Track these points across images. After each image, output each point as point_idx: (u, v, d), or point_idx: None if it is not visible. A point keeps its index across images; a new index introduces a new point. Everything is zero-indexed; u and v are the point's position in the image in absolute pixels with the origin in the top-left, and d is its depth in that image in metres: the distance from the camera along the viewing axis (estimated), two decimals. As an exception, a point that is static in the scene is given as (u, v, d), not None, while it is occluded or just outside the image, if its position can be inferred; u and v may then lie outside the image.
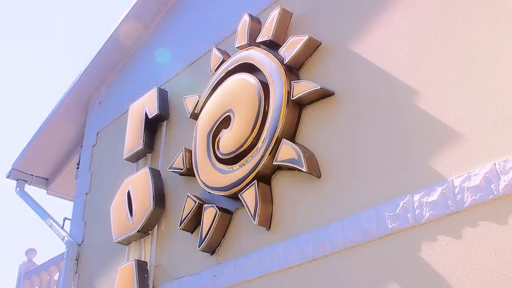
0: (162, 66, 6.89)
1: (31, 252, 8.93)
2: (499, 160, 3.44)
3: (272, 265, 4.52)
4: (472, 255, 3.41)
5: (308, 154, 4.51)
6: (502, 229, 3.32)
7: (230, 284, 4.83)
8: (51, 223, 7.61)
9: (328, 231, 4.21)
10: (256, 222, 4.64)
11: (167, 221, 5.84)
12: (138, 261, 5.80)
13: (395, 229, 3.82)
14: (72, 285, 6.90)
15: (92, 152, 7.73)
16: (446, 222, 3.59)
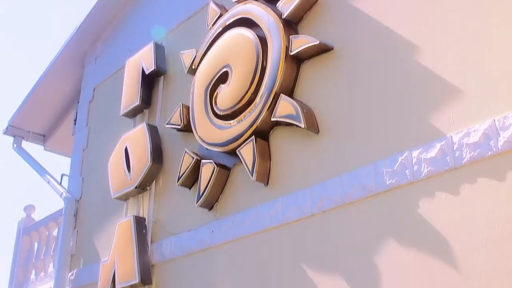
0: (159, 21, 6.78)
1: (30, 208, 8.96)
2: (499, 116, 3.41)
3: (270, 221, 4.54)
4: (469, 212, 3.41)
5: (307, 110, 4.48)
6: (500, 186, 3.32)
7: (228, 239, 4.86)
8: (49, 179, 7.62)
9: (326, 187, 4.21)
10: (254, 178, 4.64)
11: (165, 177, 5.85)
12: (136, 217, 5.83)
13: (393, 185, 3.81)
14: (71, 241, 6.95)
15: (89, 108, 7.69)
16: (444, 178, 3.58)
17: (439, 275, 3.43)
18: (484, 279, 3.23)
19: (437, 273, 3.44)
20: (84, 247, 6.78)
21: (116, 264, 5.73)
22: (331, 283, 3.98)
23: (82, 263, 6.73)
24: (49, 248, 7.91)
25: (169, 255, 5.44)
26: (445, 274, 3.40)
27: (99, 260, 6.21)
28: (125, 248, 5.69)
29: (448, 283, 3.37)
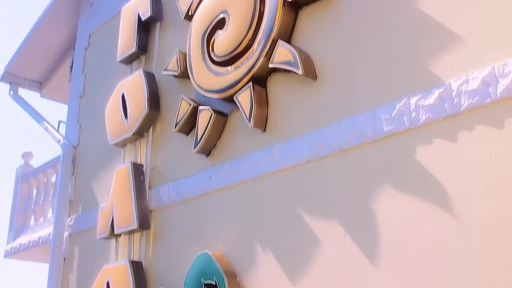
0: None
1: (28, 155, 8.98)
2: (498, 63, 3.39)
3: (267, 167, 4.56)
4: (467, 159, 3.42)
5: (305, 56, 4.44)
6: (498, 133, 3.32)
7: (225, 185, 4.89)
8: (46, 126, 7.61)
9: (324, 134, 4.21)
10: (251, 125, 4.64)
11: (162, 123, 5.84)
12: (134, 164, 5.85)
13: (391, 132, 3.82)
14: (69, 187, 7.00)
15: (84, 55, 7.62)
16: (442, 125, 3.58)
17: (435, 221, 3.47)
18: (480, 225, 3.27)
19: (434, 219, 3.48)
20: (82, 193, 6.84)
21: (114, 209, 5.78)
22: (328, 229, 4.03)
23: (80, 209, 6.79)
24: (48, 194, 7.96)
25: (167, 201, 5.48)
26: (441, 220, 3.44)
27: (98, 206, 6.27)
28: (123, 194, 5.73)
29: (444, 229, 3.41)
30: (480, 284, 3.19)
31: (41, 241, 7.53)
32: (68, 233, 6.83)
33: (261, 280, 4.39)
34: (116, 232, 5.77)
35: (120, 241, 5.90)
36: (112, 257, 5.95)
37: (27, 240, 7.87)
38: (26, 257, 8.43)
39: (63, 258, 6.81)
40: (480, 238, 3.25)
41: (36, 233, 7.77)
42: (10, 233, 8.40)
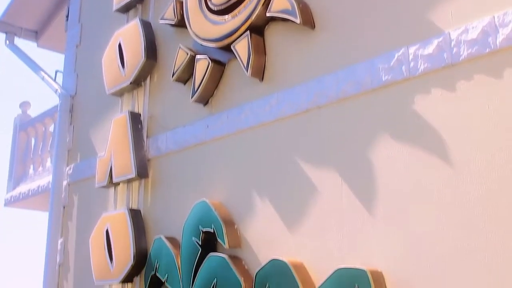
0: None
1: (25, 104, 8.97)
2: (499, 13, 3.36)
3: (265, 116, 4.57)
4: (465, 109, 3.43)
5: (302, 5, 4.39)
6: (497, 83, 3.32)
7: (223, 134, 4.91)
8: (43, 76, 7.58)
9: (321, 83, 4.20)
10: (248, 74, 4.62)
11: (159, 72, 5.81)
12: (132, 113, 5.85)
13: (389, 81, 3.81)
14: (67, 136, 7.01)
15: (81, 4, 7.52)
16: (441, 75, 3.57)
17: (432, 171, 3.49)
18: (477, 174, 3.30)
19: (431, 169, 3.50)
20: (81, 142, 6.85)
21: (112, 158, 5.81)
22: (325, 178, 4.06)
23: (79, 158, 6.82)
24: (46, 144, 7.99)
25: (165, 150, 5.51)
26: (438, 170, 3.47)
27: (96, 155, 6.30)
28: (121, 143, 5.75)
29: (441, 179, 3.44)
30: (475, 233, 3.24)
31: (40, 189, 7.59)
32: (67, 182, 6.87)
33: (258, 228, 4.45)
34: (115, 181, 5.81)
35: (118, 190, 5.95)
36: (111, 205, 6.01)
37: (27, 189, 7.93)
38: (25, 206, 8.51)
39: (62, 207, 6.88)
40: (476, 188, 3.29)
41: (35, 182, 7.83)
42: (9, 182, 8.46)
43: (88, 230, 6.06)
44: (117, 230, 5.62)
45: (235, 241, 4.53)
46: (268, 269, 4.12)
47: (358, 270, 3.56)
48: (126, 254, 5.42)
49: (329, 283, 3.69)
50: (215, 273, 4.49)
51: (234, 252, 4.53)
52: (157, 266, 5.10)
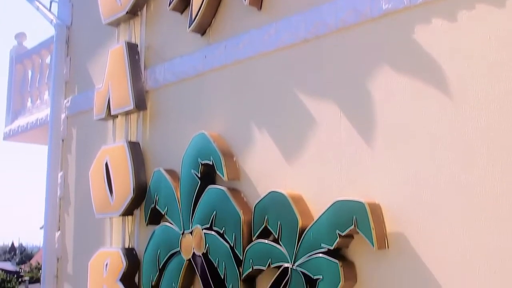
0: None
1: (21, 36, 8.79)
2: None
3: (263, 46, 4.46)
4: (466, 39, 3.33)
5: None
6: (499, 13, 3.21)
7: (221, 64, 4.81)
8: (38, 6, 7.39)
9: (320, 12, 4.08)
10: (246, 2, 4.49)
11: (156, 2, 5.66)
12: (128, 43, 5.73)
13: (389, 10, 3.69)
14: (64, 68, 6.91)
15: None
16: (442, 4, 3.45)
17: (431, 102, 3.43)
18: (476, 106, 3.24)
19: (430, 100, 3.44)
20: (78, 74, 6.76)
21: (110, 90, 5.74)
22: (324, 109, 4.00)
23: (76, 90, 6.74)
24: (43, 76, 7.88)
25: (163, 81, 5.42)
26: (437, 101, 3.40)
27: (94, 87, 6.22)
28: (118, 74, 5.66)
29: (440, 110, 3.38)
30: (473, 166, 3.20)
31: (39, 123, 7.55)
32: (65, 115, 6.82)
33: (257, 160, 4.43)
34: (113, 113, 5.76)
35: (117, 122, 5.91)
36: (110, 138, 5.98)
37: (25, 122, 7.89)
38: (25, 139, 8.49)
39: (61, 140, 6.86)
40: (475, 119, 3.23)
41: (33, 115, 7.78)
42: (7, 115, 8.41)
43: (87, 163, 6.06)
44: (117, 163, 5.62)
45: (234, 174, 4.52)
46: (267, 201, 4.12)
47: (356, 202, 3.55)
48: (125, 187, 5.44)
49: (328, 215, 3.69)
50: (214, 206, 4.51)
51: (233, 185, 4.53)
52: (156, 199, 5.12)
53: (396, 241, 3.48)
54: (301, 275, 3.79)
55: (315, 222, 3.78)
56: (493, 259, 3.07)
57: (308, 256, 3.76)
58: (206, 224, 4.55)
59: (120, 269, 5.39)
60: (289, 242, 3.91)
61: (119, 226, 5.75)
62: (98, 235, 6.04)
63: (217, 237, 4.44)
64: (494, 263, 3.06)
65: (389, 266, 3.52)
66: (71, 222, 6.66)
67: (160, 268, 4.97)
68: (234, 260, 4.28)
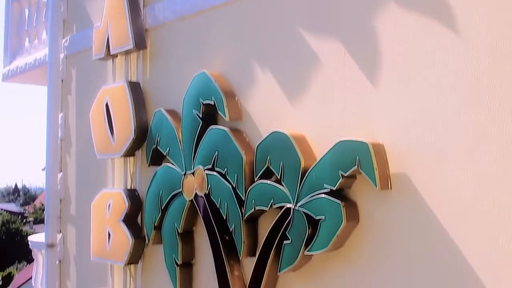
0: None
1: (17, -27, 8.58)
2: None
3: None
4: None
5: None
6: None
7: (222, 1, 4.66)
8: None
9: None
10: None
11: None
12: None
13: None
14: (61, 6, 6.73)
15: None
16: None
17: (438, 39, 3.32)
18: (485, 43, 3.13)
19: (437, 37, 3.33)
20: (76, 12, 6.60)
21: (109, 29, 5.61)
22: (328, 47, 3.90)
23: (75, 29, 6.61)
24: (41, 15, 7.72)
25: (163, 19, 5.28)
26: (444, 38, 3.28)
27: (92, 25, 6.09)
28: (117, 12, 5.51)
29: (447, 48, 3.27)
30: (480, 106, 3.13)
31: (38, 63, 7.44)
32: (64, 55, 6.71)
33: (259, 100, 4.36)
34: (112, 53, 5.65)
35: (117, 62, 5.80)
36: (110, 78, 5.89)
37: (24, 62, 7.77)
38: (24, 80, 8.41)
39: (60, 80, 6.76)
40: (483, 59, 3.13)
41: (32, 55, 7.66)
42: (5, 56, 8.30)
43: (88, 104, 6.00)
44: (117, 104, 5.55)
45: (236, 114, 4.45)
46: (269, 141, 4.07)
47: (359, 142, 3.50)
48: (126, 128, 5.39)
49: (330, 155, 3.65)
50: (216, 146, 4.47)
51: (235, 125, 4.48)
52: (158, 140, 5.08)
53: (399, 182, 3.44)
54: (303, 215, 3.78)
55: (318, 163, 3.74)
56: (497, 199, 3.03)
57: (311, 196, 3.74)
58: (208, 164, 4.52)
59: (122, 210, 5.40)
60: (291, 182, 3.89)
61: (121, 167, 5.73)
62: (100, 176, 6.04)
63: (219, 177, 4.41)
64: (498, 202, 3.03)
65: (392, 207, 3.49)
66: (72, 164, 6.65)
67: (162, 208, 4.98)
68: (236, 201, 4.27)
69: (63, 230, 6.77)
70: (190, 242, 4.89)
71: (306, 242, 3.76)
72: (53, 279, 6.81)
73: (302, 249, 3.78)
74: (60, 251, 6.77)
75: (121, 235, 5.38)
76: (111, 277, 5.84)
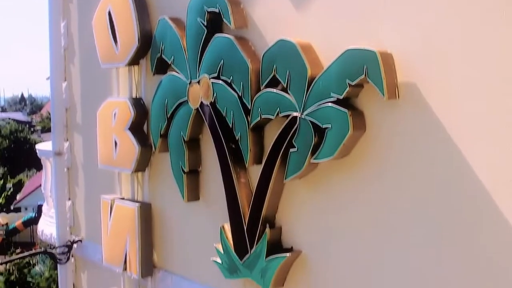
0: None
1: None
2: None
3: None
4: None
5: None
6: None
7: None
8: None
9: None
10: None
11: None
12: None
13: None
14: None
15: None
16: None
17: None
18: None
19: None
20: None
21: None
22: None
23: None
24: None
25: None
26: None
27: None
28: None
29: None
30: (490, 15, 3.04)
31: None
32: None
33: (266, 7, 4.25)
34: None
35: (118, -32, 5.64)
36: (112, -16, 5.74)
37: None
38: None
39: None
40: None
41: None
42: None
43: (90, 12, 5.89)
44: (120, 12, 5.44)
45: (241, 21, 4.36)
46: (276, 49, 4.01)
47: (367, 51, 3.44)
48: (130, 37, 5.31)
49: (338, 64, 3.60)
50: (221, 55, 4.41)
51: (241, 33, 4.39)
52: (162, 48, 5.01)
53: (407, 91, 3.41)
54: (309, 124, 3.77)
55: (325, 71, 3.70)
56: (508, 108, 3.01)
57: (317, 105, 3.72)
58: (213, 73, 4.47)
59: (128, 119, 5.42)
60: (298, 91, 3.86)
61: (126, 76, 5.70)
62: (105, 85, 6.02)
63: (224, 86, 4.38)
64: (508, 110, 3.01)
65: (399, 116, 3.48)
66: (77, 73, 6.61)
67: (168, 117, 4.98)
68: (242, 109, 4.26)
69: (70, 138, 6.83)
70: (197, 150, 4.93)
71: (312, 150, 3.77)
72: (62, 186, 6.94)
73: (309, 157, 3.80)
74: (67, 159, 6.85)
75: (128, 143, 5.43)
76: (119, 184, 5.94)
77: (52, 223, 7.28)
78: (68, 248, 6.82)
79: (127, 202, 5.71)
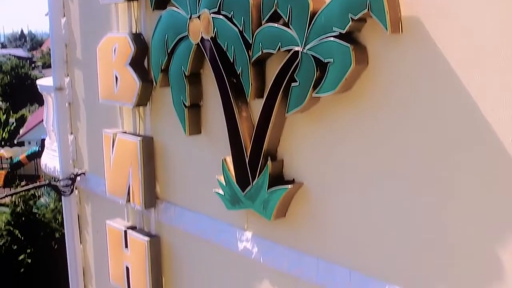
0: None
1: None
2: None
3: None
4: None
5: None
6: None
7: None
8: None
9: None
10: None
11: None
12: None
13: None
14: None
15: None
16: None
17: None
18: None
19: None
20: None
21: None
22: None
23: None
24: None
25: None
26: None
27: None
28: None
29: None
30: None
31: None
32: None
33: None
34: None
35: None
36: None
37: None
38: None
39: None
40: None
41: None
42: None
43: None
44: None
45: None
46: (277, -17, 3.92)
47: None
48: (129, -31, 5.20)
49: (340, -2, 3.53)
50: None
51: (241, -35, 4.29)
52: (161, -18, 4.92)
53: (411, 25, 3.35)
54: (311, 58, 3.74)
55: (327, 5, 3.62)
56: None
57: (319, 39, 3.67)
58: (213, 8, 4.40)
59: (128, 54, 5.37)
60: (299, 25, 3.80)
61: (125, 11, 5.61)
62: (104, 20, 5.93)
63: (225, 21, 4.32)
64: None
65: (402, 51, 3.44)
66: (75, 8, 6.51)
67: (168, 52, 4.94)
68: (243, 44, 4.21)
69: (71, 74, 6.79)
70: (198, 85, 4.91)
71: (314, 85, 3.75)
72: (64, 120, 6.96)
73: (310, 91, 3.78)
74: (69, 94, 6.84)
75: (128, 78, 5.40)
76: (121, 119, 5.95)
77: (55, 157, 7.33)
78: (72, 181, 6.90)
79: (129, 136, 5.73)
